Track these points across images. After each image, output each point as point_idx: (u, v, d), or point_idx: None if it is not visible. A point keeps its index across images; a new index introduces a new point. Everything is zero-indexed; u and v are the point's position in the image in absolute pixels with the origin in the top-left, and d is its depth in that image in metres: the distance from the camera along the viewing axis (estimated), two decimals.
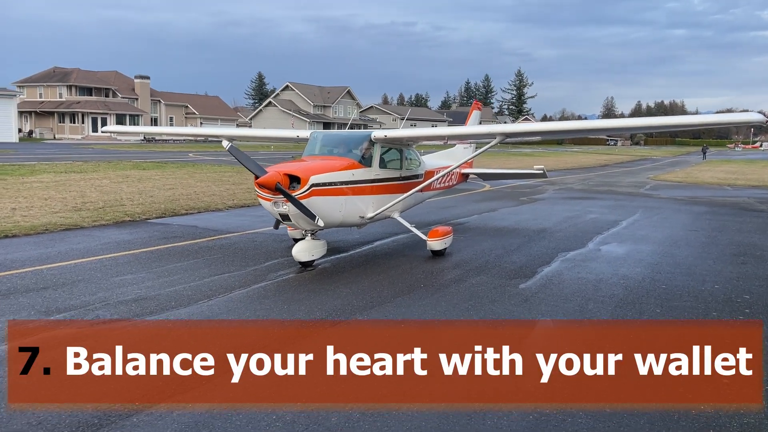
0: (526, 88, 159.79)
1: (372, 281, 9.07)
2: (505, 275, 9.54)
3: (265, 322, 7.12)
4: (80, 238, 12.23)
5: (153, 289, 8.41)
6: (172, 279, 8.99)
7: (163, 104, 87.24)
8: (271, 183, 8.93)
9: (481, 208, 18.39)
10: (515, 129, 9.96)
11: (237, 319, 7.20)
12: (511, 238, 13.08)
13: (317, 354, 5.08)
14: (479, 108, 15.99)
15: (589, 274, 9.75)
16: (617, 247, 12.35)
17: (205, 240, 12.35)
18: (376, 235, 13.00)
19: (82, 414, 4.89)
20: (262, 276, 9.31)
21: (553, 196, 22.99)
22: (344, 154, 10.54)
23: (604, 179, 33.02)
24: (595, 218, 16.56)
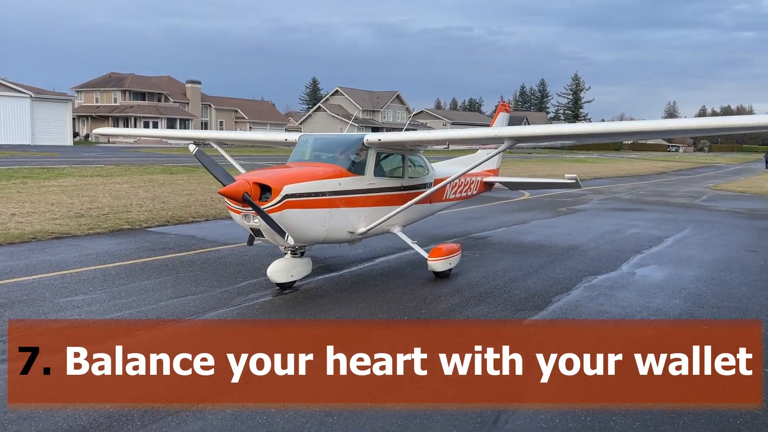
0: (583, 92, 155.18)
1: (350, 309, 7.75)
2: (510, 306, 8.05)
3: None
4: (63, 248, 11.38)
5: (94, 314, 7.35)
6: (124, 302, 7.90)
7: (213, 109, 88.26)
8: (237, 193, 7.74)
9: (510, 220, 16.79)
10: (525, 132, 8.48)
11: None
12: (533, 257, 11.51)
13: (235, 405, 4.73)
14: (507, 110, 14.45)
15: (614, 306, 8.15)
16: (656, 270, 10.63)
17: (192, 253, 11.30)
18: (380, 251, 11.67)
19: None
20: (228, 300, 8.12)
21: (596, 206, 21.10)
22: (331, 160, 9.27)
23: (658, 188, 30.67)
24: (637, 234, 14.74)
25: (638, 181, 35.63)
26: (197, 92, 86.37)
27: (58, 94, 65.35)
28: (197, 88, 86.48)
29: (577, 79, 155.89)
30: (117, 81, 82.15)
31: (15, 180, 21.72)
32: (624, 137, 8.43)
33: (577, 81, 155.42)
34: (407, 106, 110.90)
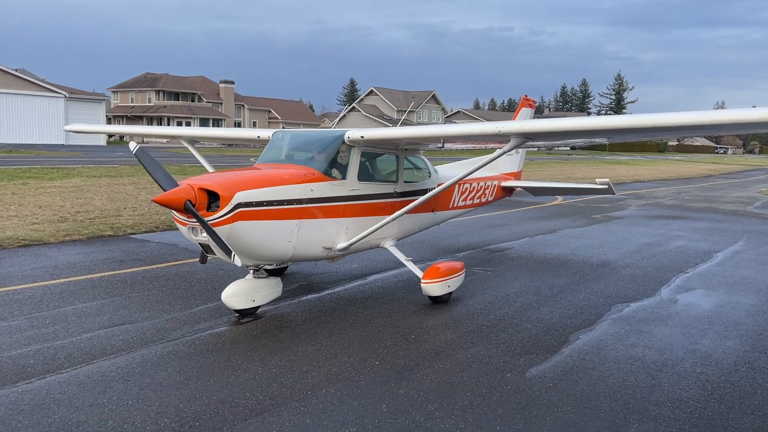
0: (626, 92, 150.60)
1: (310, 349, 6.19)
2: (514, 347, 6.37)
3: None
4: (21, 259, 10.14)
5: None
6: (42, 332, 6.51)
7: (246, 109, 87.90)
8: (176, 201, 6.27)
9: (537, 228, 15.00)
10: (534, 127, 6.73)
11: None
12: (554, 276, 9.77)
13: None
14: (531, 105, 12.71)
15: (648, 350, 6.38)
16: (703, 296, 8.78)
17: (162, 266, 9.92)
18: (377, 266, 10.10)
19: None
20: (168, 331, 6.66)
21: (635, 213, 19.07)
22: (306, 161, 7.73)
23: (704, 193, 28.25)
24: (681, 247, 12.81)
25: (683, 185, 33.16)
26: (231, 92, 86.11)
27: (91, 94, 65.56)
28: (231, 88, 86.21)
29: (620, 78, 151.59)
30: (151, 81, 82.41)
31: (17, 180, 20.85)
32: (662, 133, 6.59)
33: (620, 81, 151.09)
34: (443, 106, 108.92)
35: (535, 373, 5.62)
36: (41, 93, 59.05)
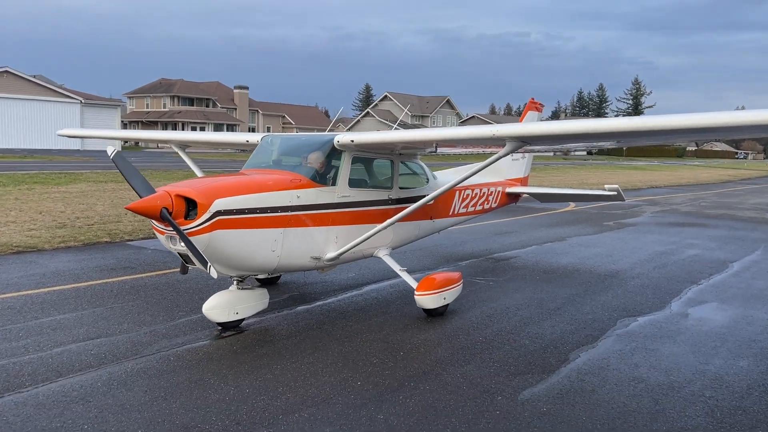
0: (644, 97, 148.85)
1: (290, 367, 5.81)
2: (509, 366, 5.94)
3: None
4: (10, 267, 9.91)
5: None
6: (11, 346, 6.21)
7: (260, 114, 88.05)
8: (151, 209, 5.96)
9: (545, 236, 14.52)
10: (531, 131, 6.30)
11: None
12: (559, 287, 9.32)
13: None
14: (537, 108, 12.27)
15: (654, 370, 5.92)
16: (716, 310, 8.28)
17: (153, 275, 9.62)
18: (375, 275, 9.72)
19: None
20: (144, 345, 6.33)
21: (649, 220, 18.50)
22: (293, 167, 7.38)
23: (722, 199, 27.52)
24: (695, 256, 12.27)
25: (700, 191, 32.40)
26: (245, 98, 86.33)
27: (107, 100, 66.05)
28: (245, 94, 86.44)
29: (637, 83, 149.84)
30: (166, 87, 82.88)
31: (23, 185, 20.77)
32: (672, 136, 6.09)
33: (637, 85, 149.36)
34: (457, 111, 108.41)
35: (528, 397, 5.19)
36: (57, 99, 59.62)
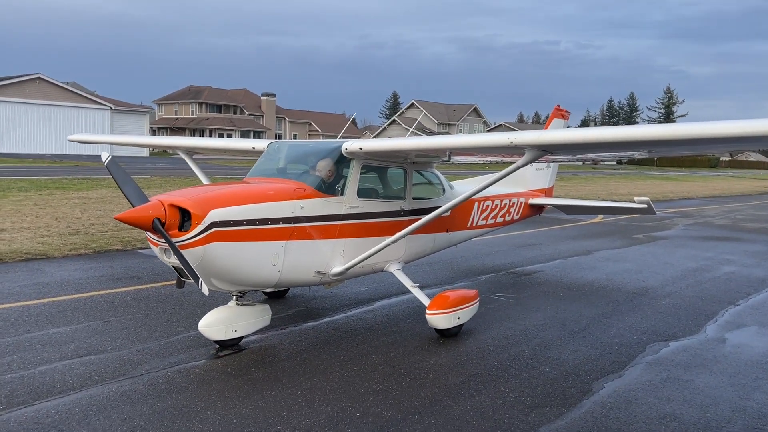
0: (676, 106, 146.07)
1: (285, 393, 5.36)
2: (525, 397, 5.40)
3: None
4: (15, 275, 9.68)
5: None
6: None
7: (287, 121, 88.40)
8: (143, 219, 5.60)
9: (571, 249, 13.88)
10: (551, 139, 5.76)
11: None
12: (584, 306, 8.72)
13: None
14: (563, 116, 11.70)
15: (688, 405, 5.32)
16: (757, 335, 7.61)
17: (158, 285, 9.30)
18: (387, 290, 9.24)
19: None
20: (135, 365, 5.94)
21: (681, 233, 17.69)
22: (298, 175, 6.95)
23: (759, 212, 26.42)
24: (731, 273, 11.54)
25: (735, 203, 31.24)
26: (272, 105, 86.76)
27: (136, 106, 66.81)
28: (272, 101, 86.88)
29: (669, 92, 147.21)
30: (195, 93, 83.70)
31: (44, 191, 20.77)
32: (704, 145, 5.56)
33: (669, 94, 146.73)
34: (485, 119, 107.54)
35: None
36: (88, 105, 60.45)
